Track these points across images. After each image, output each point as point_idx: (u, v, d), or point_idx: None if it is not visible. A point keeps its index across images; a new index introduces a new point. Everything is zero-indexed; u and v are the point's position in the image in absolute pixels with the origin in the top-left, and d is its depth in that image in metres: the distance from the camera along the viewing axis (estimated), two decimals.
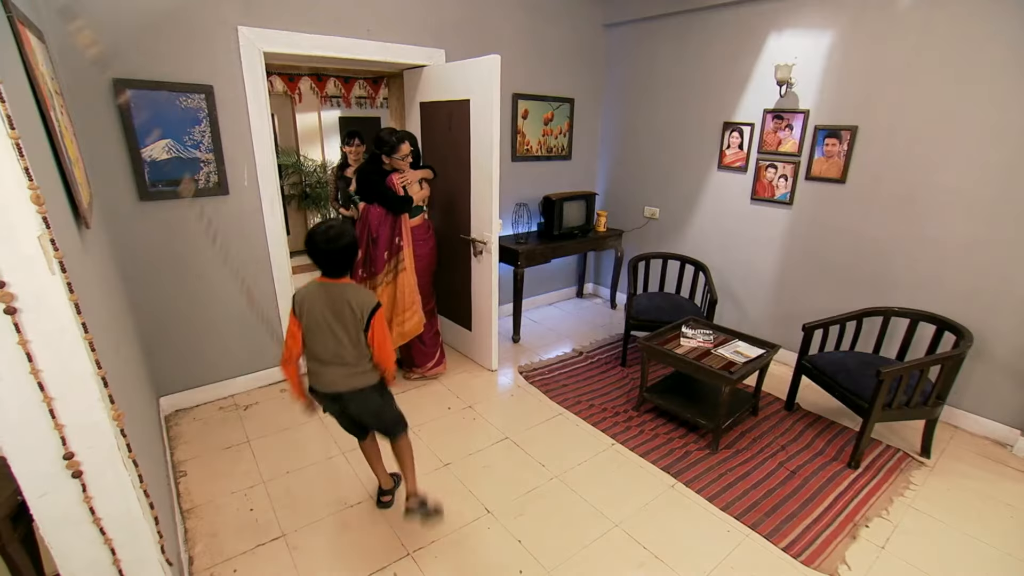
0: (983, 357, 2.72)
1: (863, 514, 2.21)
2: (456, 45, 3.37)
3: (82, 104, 2.26)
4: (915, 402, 2.42)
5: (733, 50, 3.47)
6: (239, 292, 2.88)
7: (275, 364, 3.14)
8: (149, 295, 2.63)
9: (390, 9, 3.06)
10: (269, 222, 2.88)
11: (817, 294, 3.35)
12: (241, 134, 2.70)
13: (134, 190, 2.47)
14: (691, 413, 2.69)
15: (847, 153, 3.03)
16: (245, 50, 2.61)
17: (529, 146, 4.02)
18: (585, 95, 4.29)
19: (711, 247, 3.87)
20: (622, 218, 4.49)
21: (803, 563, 1.95)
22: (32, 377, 1.02)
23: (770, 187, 3.44)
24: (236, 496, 2.24)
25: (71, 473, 1.10)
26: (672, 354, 2.72)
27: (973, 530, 2.14)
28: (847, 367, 2.63)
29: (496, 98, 2.76)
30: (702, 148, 3.79)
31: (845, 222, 3.13)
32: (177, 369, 2.82)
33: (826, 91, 3.07)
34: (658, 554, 1.99)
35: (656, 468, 2.47)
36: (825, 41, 3.02)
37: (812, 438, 2.73)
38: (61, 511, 1.13)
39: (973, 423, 2.82)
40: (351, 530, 2.08)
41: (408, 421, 2.04)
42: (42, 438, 1.07)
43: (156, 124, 2.44)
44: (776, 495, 2.31)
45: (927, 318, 2.69)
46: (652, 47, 3.96)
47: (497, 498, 2.26)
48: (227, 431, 2.69)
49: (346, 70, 5.81)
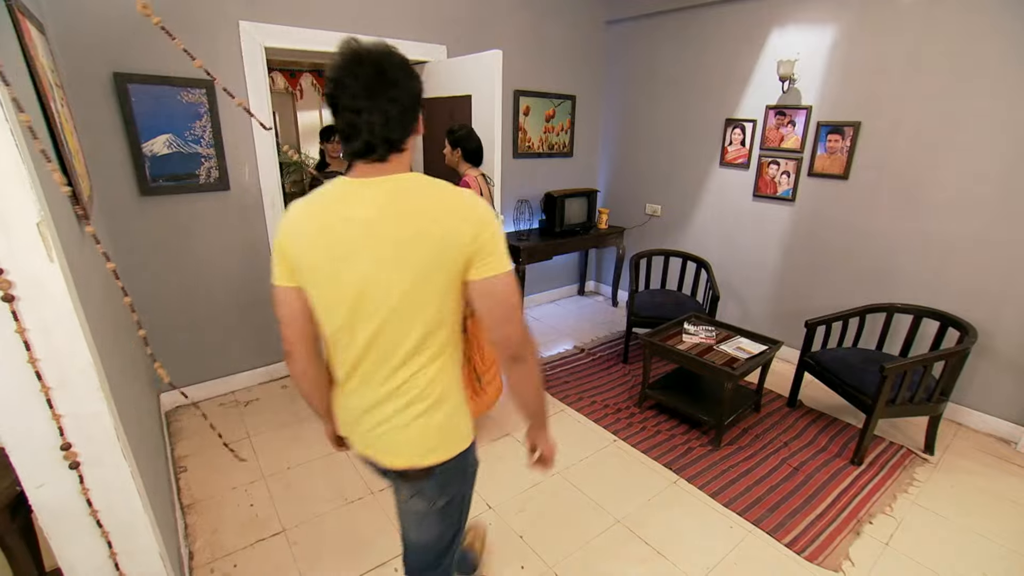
0: (987, 354, 2.70)
1: (867, 510, 2.19)
2: (457, 41, 3.37)
3: (83, 98, 2.26)
4: (919, 398, 2.40)
5: (735, 46, 3.45)
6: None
7: (275, 360, 3.14)
8: (149, 290, 2.62)
9: (391, 5, 3.05)
10: (270, 217, 2.88)
11: (819, 290, 3.33)
12: (242, 129, 2.69)
13: (135, 185, 2.46)
14: (693, 410, 2.68)
15: (850, 149, 3.02)
16: (246, 45, 2.60)
17: (531, 143, 4.01)
18: (587, 92, 4.28)
19: (713, 244, 3.86)
20: (624, 215, 4.48)
21: (806, 559, 1.94)
22: (30, 366, 1.01)
23: (772, 184, 3.43)
24: (236, 492, 2.24)
25: (69, 464, 1.10)
26: (674, 350, 2.71)
27: (977, 526, 2.12)
28: (850, 363, 2.62)
29: (498, 94, 2.75)
30: (704, 145, 3.78)
31: (848, 218, 3.12)
32: (177, 365, 2.81)
33: (829, 87, 3.06)
34: (661, 550, 1.98)
35: (658, 464, 2.46)
36: (828, 36, 3.01)
37: (815, 435, 2.72)
38: (59, 502, 1.12)
39: (977, 420, 2.80)
40: (352, 525, 2.07)
41: None
42: (40, 428, 1.06)
43: (157, 119, 2.43)
44: (779, 491, 2.29)
45: (931, 314, 2.67)
46: (654, 44, 3.95)
47: (499, 494, 2.25)
48: (228, 427, 2.68)
49: None
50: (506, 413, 2.86)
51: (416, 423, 1.06)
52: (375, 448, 1.12)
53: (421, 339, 1.02)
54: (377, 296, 0.98)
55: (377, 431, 1.09)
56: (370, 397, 1.07)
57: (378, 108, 0.92)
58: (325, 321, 1.05)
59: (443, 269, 0.97)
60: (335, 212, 0.98)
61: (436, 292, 0.99)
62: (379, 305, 0.98)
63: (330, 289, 1.00)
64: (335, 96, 0.94)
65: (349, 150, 0.97)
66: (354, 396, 1.10)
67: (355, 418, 1.12)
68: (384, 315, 0.99)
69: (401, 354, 1.02)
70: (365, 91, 0.91)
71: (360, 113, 0.92)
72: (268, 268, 1.04)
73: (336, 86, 0.93)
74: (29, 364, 1.01)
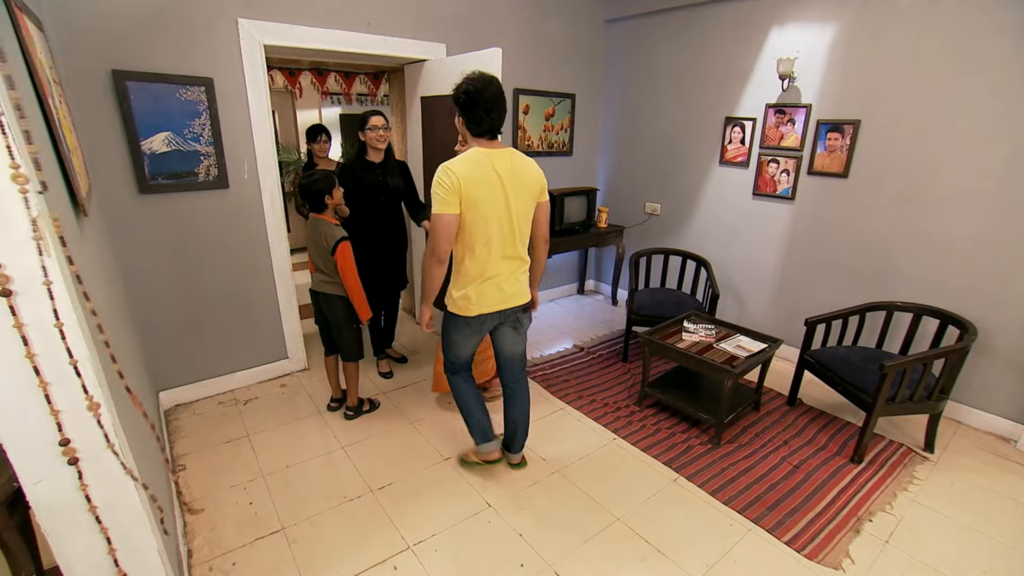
0: (987, 352, 2.70)
1: (867, 508, 2.19)
2: (457, 39, 3.36)
3: (81, 95, 2.25)
4: (919, 396, 2.40)
5: (735, 44, 3.45)
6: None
7: (274, 359, 3.14)
8: (148, 289, 2.62)
9: (392, 3, 3.05)
10: (269, 216, 2.87)
11: (819, 289, 3.33)
12: (241, 127, 2.69)
13: (133, 183, 2.46)
14: (693, 408, 2.68)
15: (850, 147, 3.02)
16: (245, 42, 2.59)
17: (530, 141, 4.00)
18: (586, 91, 4.28)
19: (713, 242, 3.86)
20: (623, 214, 4.48)
21: (806, 557, 1.94)
22: (28, 361, 1.01)
23: (772, 182, 3.43)
24: (235, 490, 2.23)
25: (67, 460, 1.09)
26: (674, 349, 2.70)
27: (977, 524, 2.12)
28: (850, 361, 2.62)
29: None
30: (703, 143, 3.77)
31: (847, 217, 3.12)
32: (176, 363, 2.81)
33: (829, 85, 3.05)
34: (660, 548, 1.98)
35: (658, 463, 2.46)
36: (828, 34, 3.01)
37: (815, 433, 2.72)
38: (57, 498, 1.12)
39: (977, 418, 2.80)
40: (350, 523, 2.07)
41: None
42: (38, 424, 1.06)
43: (156, 116, 2.43)
44: (779, 490, 2.29)
45: (931, 312, 2.67)
46: (653, 42, 3.95)
47: (498, 492, 2.25)
48: (227, 426, 2.68)
49: (347, 65, 5.79)
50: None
51: (524, 279, 2.05)
52: (513, 297, 2.01)
53: (526, 235, 1.99)
54: (514, 212, 1.88)
55: (515, 286, 2.00)
56: (510, 267, 1.97)
57: (498, 112, 1.85)
58: (483, 230, 1.84)
59: (533, 198, 1.96)
60: (488, 166, 1.80)
61: (532, 209, 1.98)
62: (516, 216, 1.89)
63: (491, 209, 1.83)
64: (475, 99, 1.80)
65: (477, 131, 1.85)
66: (504, 269, 1.95)
67: (499, 285, 1.95)
68: (517, 221, 1.91)
69: (521, 245, 1.97)
70: (495, 100, 1.83)
71: (490, 112, 1.82)
72: (268, 267, 1.05)
73: (475, 94, 1.80)
74: (27, 359, 1.00)
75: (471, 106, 1.80)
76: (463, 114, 1.85)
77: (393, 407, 2.90)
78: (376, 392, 3.04)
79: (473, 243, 1.86)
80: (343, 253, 2.38)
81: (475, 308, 1.95)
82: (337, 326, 2.59)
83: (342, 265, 2.40)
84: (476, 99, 1.79)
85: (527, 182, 1.89)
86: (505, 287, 1.96)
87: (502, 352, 2.18)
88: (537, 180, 1.94)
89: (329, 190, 2.39)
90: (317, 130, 3.51)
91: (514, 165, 1.86)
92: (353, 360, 2.67)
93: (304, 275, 4.77)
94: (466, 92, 1.81)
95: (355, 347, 2.64)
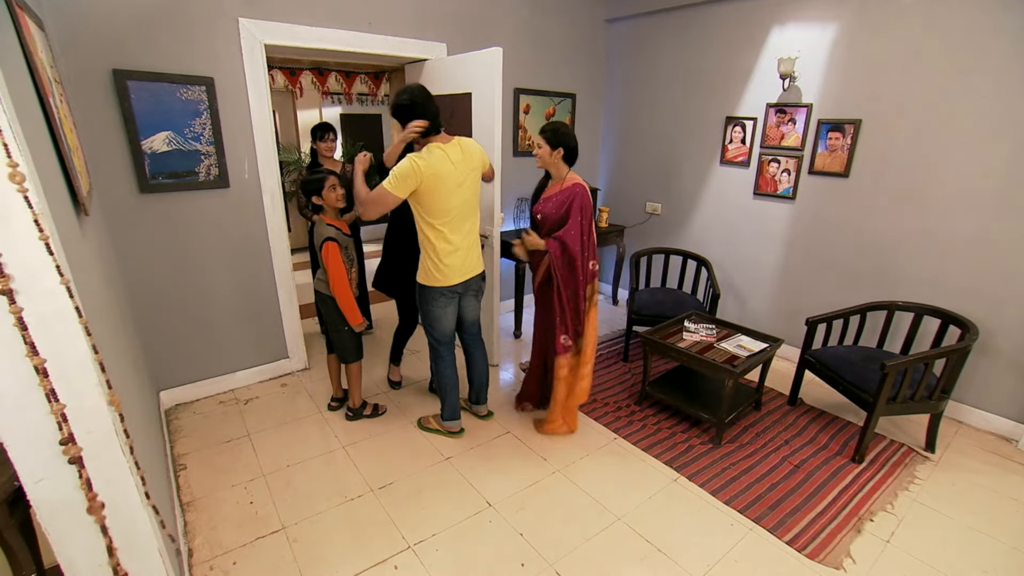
0: (988, 352, 2.70)
1: (868, 508, 2.19)
2: (457, 39, 3.36)
3: (82, 95, 2.25)
4: (920, 396, 2.40)
5: (736, 44, 3.45)
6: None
7: (275, 358, 3.14)
8: (149, 288, 2.62)
9: (391, 2, 3.05)
10: (270, 215, 2.87)
11: (820, 288, 3.33)
12: (242, 126, 2.69)
13: (134, 182, 2.46)
14: (694, 408, 2.67)
15: (851, 147, 3.01)
16: (246, 42, 2.59)
17: (531, 141, 4.00)
18: (587, 90, 4.27)
19: (713, 242, 3.85)
20: (624, 214, 4.47)
21: (807, 556, 1.94)
22: (28, 360, 1.00)
23: (773, 182, 3.42)
24: (236, 489, 2.23)
25: (68, 459, 1.09)
26: (675, 348, 2.70)
27: (978, 524, 2.12)
28: (851, 361, 2.61)
29: (498, 91, 2.74)
30: (704, 143, 3.77)
31: (848, 216, 3.11)
32: (177, 363, 2.81)
33: (829, 84, 3.05)
34: (661, 547, 1.97)
35: (659, 462, 2.46)
36: (829, 34, 3.01)
37: (816, 433, 2.72)
38: (58, 497, 1.11)
39: (978, 418, 2.80)
40: (351, 523, 2.06)
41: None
42: (39, 423, 1.05)
43: (156, 116, 2.43)
44: (780, 489, 2.29)
45: (932, 312, 2.67)
46: (654, 42, 3.94)
47: (499, 491, 2.25)
48: (227, 425, 2.68)
49: (348, 64, 5.80)
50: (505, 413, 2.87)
51: (479, 251, 2.42)
52: (474, 268, 2.38)
53: (477, 210, 2.37)
54: (468, 192, 2.26)
55: (474, 258, 2.37)
56: (468, 241, 2.32)
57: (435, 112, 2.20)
58: (447, 212, 2.19)
59: (479, 171, 2.33)
60: (447, 160, 2.15)
61: (479, 179, 2.36)
62: (470, 195, 2.28)
63: (454, 194, 2.18)
64: (423, 107, 2.15)
65: (434, 129, 2.18)
66: (464, 245, 2.29)
67: (463, 258, 2.30)
68: (471, 200, 2.30)
69: (474, 219, 2.35)
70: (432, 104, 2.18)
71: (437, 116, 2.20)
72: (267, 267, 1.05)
73: (419, 104, 2.15)
74: (27, 358, 1.00)
75: (421, 110, 2.15)
76: (415, 118, 2.16)
77: (394, 407, 2.90)
78: (377, 392, 3.04)
79: (442, 224, 2.21)
80: (327, 253, 2.38)
81: (453, 278, 2.29)
82: (332, 327, 2.59)
83: (326, 265, 2.41)
84: (426, 104, 2.15)
85: (474, 164, 2.28)
86: (467, 259, 2.32)
87: (465, 319, 2.54)
88: (479, 158, 2.31)
89: (317, 191, 2.39)
90: (324, 128, 3.43)
91: (464, 153, 2.22)
92: (349, 361, 2.66)
93: (304, 275, 4.78)
94: (411, 101, 2.14)
95: (350, 348, 2.62)
